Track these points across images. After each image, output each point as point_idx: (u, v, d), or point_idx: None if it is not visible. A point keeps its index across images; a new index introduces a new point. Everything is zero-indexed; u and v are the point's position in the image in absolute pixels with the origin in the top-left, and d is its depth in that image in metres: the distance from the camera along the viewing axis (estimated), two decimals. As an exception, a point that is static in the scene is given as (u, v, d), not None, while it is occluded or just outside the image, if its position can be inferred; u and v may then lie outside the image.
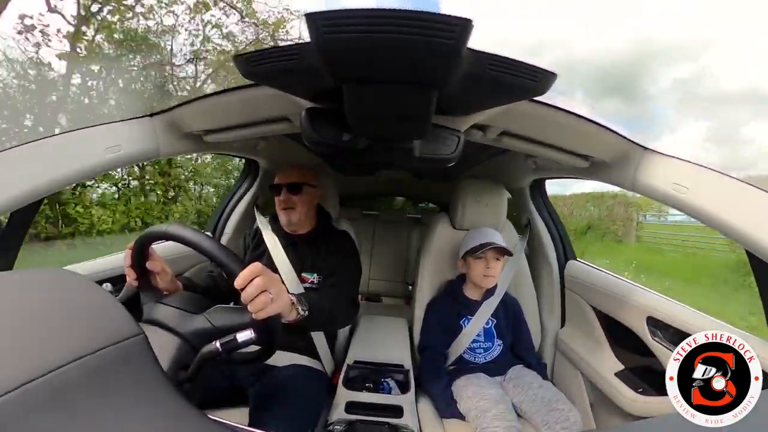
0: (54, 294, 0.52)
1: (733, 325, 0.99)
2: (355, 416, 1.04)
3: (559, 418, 1.09)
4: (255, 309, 0.68)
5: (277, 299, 0.72)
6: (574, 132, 0.94)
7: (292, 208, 1.28)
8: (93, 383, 0.40)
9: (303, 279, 1.27)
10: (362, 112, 0.66)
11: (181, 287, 0.94)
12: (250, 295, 0.68)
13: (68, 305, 0.50)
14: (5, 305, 0.47)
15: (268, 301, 0.69)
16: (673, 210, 0.93)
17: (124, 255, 0.83)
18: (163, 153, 1.04)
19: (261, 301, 0.68)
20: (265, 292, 0.69)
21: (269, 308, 0.70)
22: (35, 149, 0.84)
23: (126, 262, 0.83)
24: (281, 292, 0.75)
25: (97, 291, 0.54)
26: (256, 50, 0.58)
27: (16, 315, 0.46)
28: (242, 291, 0.68)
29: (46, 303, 0.49)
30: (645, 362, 1.16)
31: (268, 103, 0.91)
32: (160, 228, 0.78)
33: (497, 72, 0.55)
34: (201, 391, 0.83)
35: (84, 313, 0.49)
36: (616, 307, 1.29)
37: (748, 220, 0.75)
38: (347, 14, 0.46)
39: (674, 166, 0.89)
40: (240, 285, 0.68)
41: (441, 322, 1.40)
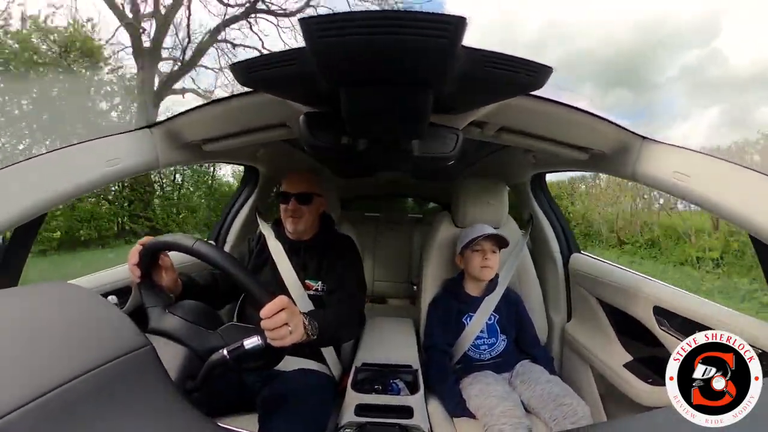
0: (61, 308, 0.52)
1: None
2: (365, 419, 1.04)
3: (567, 412, 1.08)
4: (273, 338, 0.75)
5: (295, 331, 0.79)
6: (571, 125, 0.94)
7: (300, 217, 1.28)
8: (103, 396, 0.40)
9: (307, 286, 1.27)
10: (359, 114, 0.66)
11: (181, 286, 0.98)
12: (273, 326, 0.75)
13: (76, 319, 0.50)
14: (14, 321, 0.48)
15: (287, 334, 0.77)
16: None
17: (131, 251, 0.85)
18: (163, 164, 1.04)
19: (281, 333, 0.76)
20: (285, 324, 0.76)
21: (287, 339, 0.77)
22: (35, 165, 0.85)
23: (133, 259, 0.84)
24: (299, 325, 0.82)
25: (103, 304, 0.54)
26: (253, 57, 0.58)
27: (26, 330, 0.46)
28: (265, 319, 0.75)
29: (54, 318, 0.50)
30: (653, 352, 1.15)
31: (266, 109, 0.92)
32: (185, 241, 0.81)
33: (493, 69, 0.56)
34: (209, 399, 0.83)
35: (91, 326, 0.49)
36: (622, 299, 1.29)
37: (751, 205, 0.75)
38: (340, 18, 0.46)
39: (674, 154, 0.89)
40: (266, 315, 0.75)
41: (443, 321, 1.40)
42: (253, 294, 0.79)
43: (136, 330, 0.50)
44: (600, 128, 0.94)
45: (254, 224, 1.66)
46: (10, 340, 0.44)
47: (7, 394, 0.36)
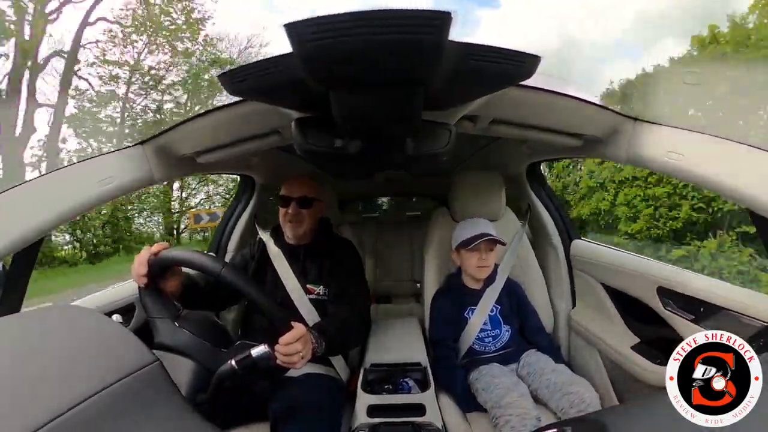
0: (69, 331, 0.52)
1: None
2: (378, 419, 1.04)
3: (574, 401, 1.08)
4: (285, 362, 0.82)
5: (306, 356, 0.87)
6: (563, 112, 0.94)
7: (300, 222, 1.29)
8: (116, 414, 0.40)
9: (308, 290, 1.28)
10: (351, 116, 0.66)
11: (182, 288, 1.00)
12: (287, 353, 0.81)
13: (84, 340, 0.50)
14: (24, 346, 0.48)
15: (299, 360, 0.84)
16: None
17: (138, 260, 0.85)
18: (158, 179, 1.04)
19: (293, 360, 0.82)
20: (298, 352, 0.83)
21: (298, 364, 0.84)
22: (29, 189, 0.85)
23: (141, 269, 0.85)
24: (309, 350, 0.89)
25: (108, 324, 0.54)
26: (239, 66, 0.58)
27: (35, 355, 0.46)
28: (282, 346, 0.81)
29: (62, 341, 0.50)
30: (660, 333, 1.16)
31: (258, 117, 0.92)
32: (210, 264, 0.83)
33: (481, 61, 0.56)
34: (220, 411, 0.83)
35: (99, 346, 0.50)
36: (625, 282, 1.29)
37: (746, 180, 0.75)
38: (325, 20, 0.46)
39: (667, 134, 0.89)
40: (284, 343, 0.81)
41: (446, 316, 1.40)
42: (274, 318, 0.84)
43: (143, 347, 0.50)
44: (592, 113, 0.94)
45: (253, 233, 1.65)
46: (21, 366, 0.44)
47: (21, 419, 0.36)
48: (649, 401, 0.55)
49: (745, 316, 0.90)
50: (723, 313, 0.95)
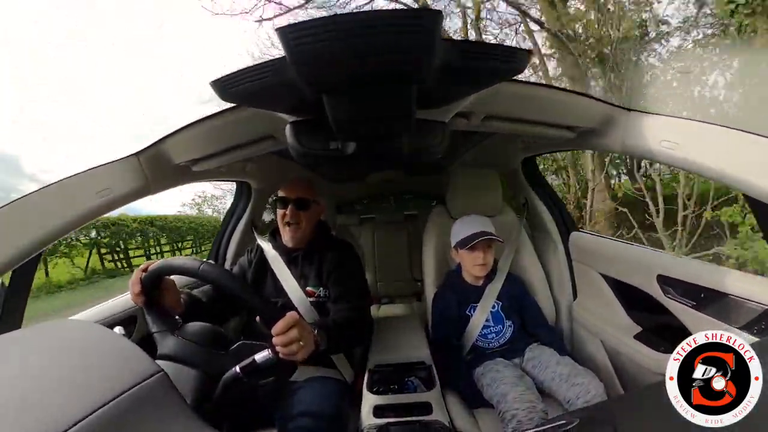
0: (72, 345, 0.52)
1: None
2: (385, 419, 1.04)
3: (580, 392, 1.09)
4: (286, 353, 0.77)
5: (306, 345, 0.81)
6: (556, 105, 0.95)
7: (298, 224, 1.29)
8: (123, 426, 0.40)
9: (308, 293, 1.27)
10: (345, 118, 0.66)
11: (184, 305, 0.99)
12: (284, 342, 0.76)
13: (87, 354, 0.50)
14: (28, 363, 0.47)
15: (299, 349, 0.79)
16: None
17: (132, 280, 0.85)
18: (154, 189, 1.04)
19: (292, 349, 0.77)
20: (297, 340, 0.78)
21: (298, 354, 0.79)
22: (26, 204, 0.84)
23: (135, 288, 0.85)
24: (309, 339, 0.84)
25: (111, 336, 0.54)
26: (232, 72, 0.58)
27: (40, 371, 0.46)
28: (276, 336, 0.77)
29: (66, 355, 0.50)
30: (662, 320, 1.16)
31: (252, 123, 0.91)
32: (190, 264, 0.81)
33: (471, 58, 0.56)
34: (227, 418, 0.83)
35: (103, 359, 0.49)
36: (625, 271, 1.29)
37: (741, 165, 0.76)
38: (316, 24, 0.46)
39: (660, 123, 0.90)
40: (277, 333, 0.77)
41: (448, 314, 1.40)
42: (262, 312, 0.81)
43: (147, 358, 0.50)
44: (585, 105, 0.95)
45: (251, 238, 1.65)
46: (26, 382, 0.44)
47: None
48: (653, 390, 0.55)
49: (746, 300, 0.90)
50: (723, 298, 0.96)
